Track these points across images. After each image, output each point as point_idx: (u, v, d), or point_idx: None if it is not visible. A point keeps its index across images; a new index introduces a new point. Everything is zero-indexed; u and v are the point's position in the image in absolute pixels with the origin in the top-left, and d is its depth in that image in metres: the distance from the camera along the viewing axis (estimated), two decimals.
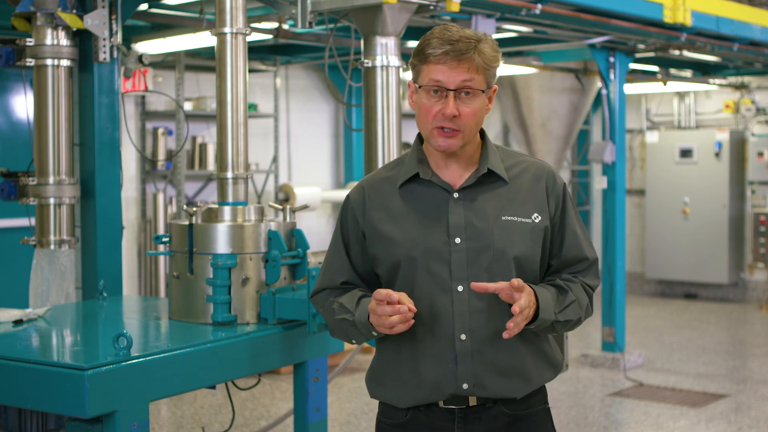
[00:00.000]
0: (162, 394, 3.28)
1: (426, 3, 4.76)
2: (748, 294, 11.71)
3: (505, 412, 2.51)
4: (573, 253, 2.56)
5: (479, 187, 2.50)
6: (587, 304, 2.57)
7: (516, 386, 2.50)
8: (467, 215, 2.47)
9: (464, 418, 2.49)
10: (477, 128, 2.48)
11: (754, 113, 11.63)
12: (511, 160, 2.56)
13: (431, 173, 2.51)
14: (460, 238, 2.45)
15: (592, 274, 2.59)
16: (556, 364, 2.62)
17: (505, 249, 2.45)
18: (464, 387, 2.45)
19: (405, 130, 10.81)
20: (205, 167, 8.82)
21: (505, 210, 2.48)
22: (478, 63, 2.40)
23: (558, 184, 2.56)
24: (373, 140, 4.60)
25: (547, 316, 2.43)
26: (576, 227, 2.57)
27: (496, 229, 2.46)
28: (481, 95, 2.43)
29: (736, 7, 7.87)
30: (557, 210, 2.54)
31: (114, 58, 4.78)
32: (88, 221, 4.82)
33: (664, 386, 7.33)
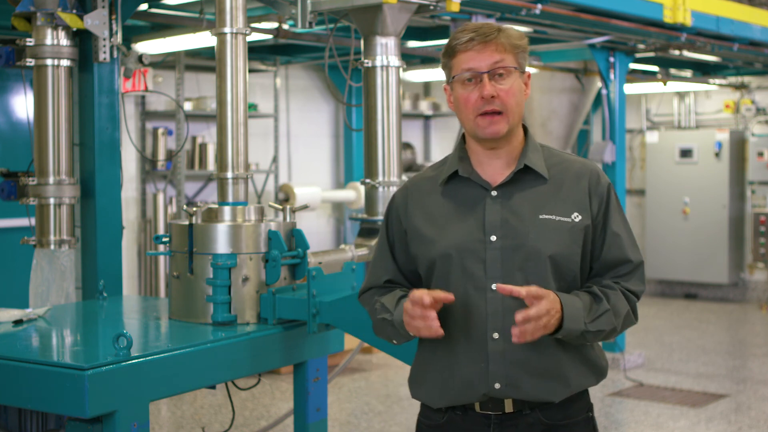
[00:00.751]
0: (162, 394, 3.28)
1: (426, 3, 4.76)
2: (748, 294, 11.71)
3: (542, 420, 2.45)
4: (614, 255, 2.48)
5: (517, 185, 2.47)
6: (627, 312, 2.46)
7: (552, 389, 2.43)
8: (503, 213, 2.44)
9: (500, 424, 2.45)
10: (519, 111, 2.45)
11: (754, 113, 11.63)
12: (554, 159, 2.53)
13: (471, 171, 2.51)
14: (496, 236, 2.43)
15: (636, 278, 2.49)
16: (599, 369, 2.54)
17: (540, 248, 2.41)
18: (496, 387, 2.42)
19: (405, 130, 10.83)
20: (205, 167, 8.81)
21: (543, 208, 2.44)
22: (505, 43, 2.42)
23: (602, 184, 2.49)
24: (373, 140, 4.60)
25: (573, 326, 2.35)
26: (619, 229, 2.49)
27: (532, 228, 2.42)
28: (515, 74, 2.43)
29: (736, 7, 7.87)
30: (600, 210, 2.47)
31: (114, 58, 4.78)
32: (88, 221, 4.81)
33: (664, 386, 7.33)
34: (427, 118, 11.32)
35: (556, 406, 2.45)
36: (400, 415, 6.53)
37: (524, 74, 2.48)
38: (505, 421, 2.45)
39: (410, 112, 10.62)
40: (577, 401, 2.50)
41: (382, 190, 4.58)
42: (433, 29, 7.51)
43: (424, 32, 7.63)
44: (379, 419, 6.45)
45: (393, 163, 4.60)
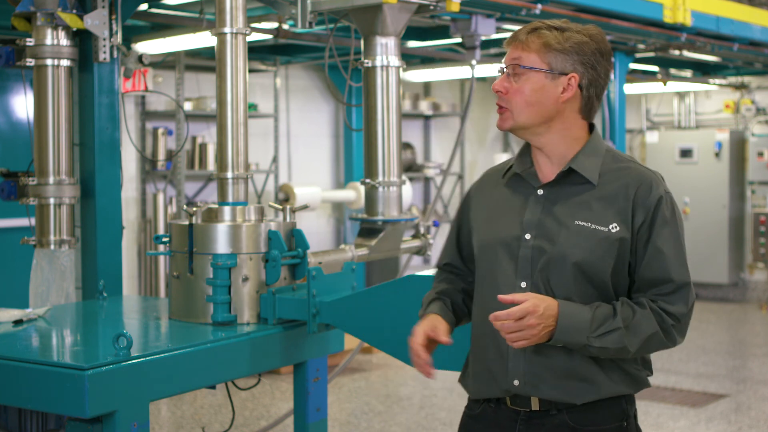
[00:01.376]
0: (162, 394, 3.28)
1: (426, 3, 4.76)
2: (748, 294, 11.71)
3: (569, 423, 2.42)
4: (654, 273, 2.38)
5: (564, 187, 2.46)
6: (654, 334, 2.35)
7: (574, 390, 2.40)
8: (543, 213, 2.45)
9: (527, 422, 2.46)
10: (532, 111, 2.44)
11: (754, 113, 11.63)
12: (613, 165, 2.46)
13: (527, 167, 2.53)
14: (530, 235, 2.44)
15: (678, 299, 2.38)
16: (635, 379, 2.47)
17: (566, 253, 2.38)
18: (515, 384, 2.44)
19: (405, 130, 10.83)
20: (205, 167, 8.81)
21: (580, 214, 2.40)
22: (529, 42, 2.43)
23: (652, 196, 2.39)
24: (373, 140, 4.59)
25: (566, 338, 2.32)
26: (665, 245, 2.38)
27: (564, 232, 2.40)
28: (532, 75, 2.43)
29: (736, 7, 7.87)
30: (644, 223, 2.38)
31: (114, 58, 4.78)
32: (88, 221, 4.81)
33: (664, 386, 7.33)
34: (427, 118, 11.32)
35: (583, 410, 2.42)
36: (400, 415, 6.54)
37: (563, 75, 2.43)
38: (533, 419, 2.46)
39: (410, 112, 10.62)
40: (609, 408, 2.45)
41: (382, 190, 4.58)
42: (433, 29, 7.51)
43: (424, 32, 7.63)
44: (379, 419, 6.45)
45: (393, 163, 4.60)
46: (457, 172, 11.37)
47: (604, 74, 2.47)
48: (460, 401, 6.78)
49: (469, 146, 11.73)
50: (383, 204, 4.59)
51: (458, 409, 6.75)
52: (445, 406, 6.76)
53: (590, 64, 2.44)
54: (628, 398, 2.49)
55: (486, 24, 6.20)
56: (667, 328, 2.37)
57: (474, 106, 11.56)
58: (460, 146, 11.17)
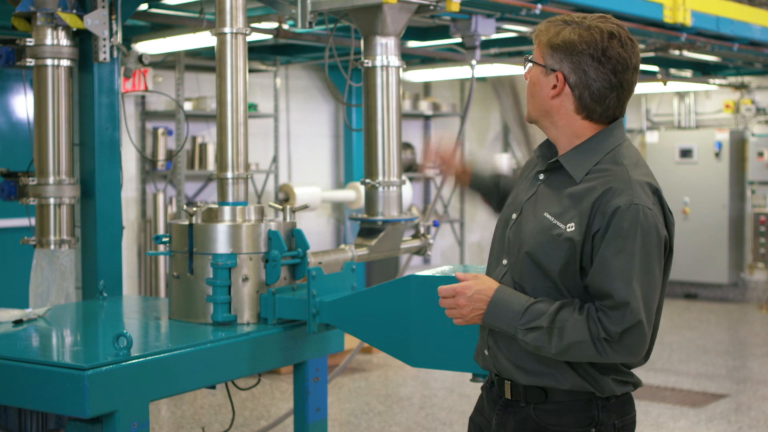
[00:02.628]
0: (162, 394, 3.28)
1: (426, 3, 4.76)
2: (748, 294, 11.71)
3: (533, 417, 2.45)
4: (596, 284, 2.32)
5: (557, 178, 2.49)
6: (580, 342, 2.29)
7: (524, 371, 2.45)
8: (531, 197, 2.52)
9: (503, 410, 2.53)
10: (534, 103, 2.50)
11: (754, 113, 11.63)
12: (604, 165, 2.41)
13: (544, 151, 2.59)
14: (515, 215, 2.53)
15: (613, 316, 2.28)
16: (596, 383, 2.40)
17: (523, 240, 2.45)
18: (485, 353, 2.56)
19: (405, 130, 10.83)
20: (205, 167, 8.81)
21: (551, 207, 2.43)
22: (541, 38, 2.47)
23: (611, 204, 2.31)
24: (373, 140, 4.60)
25: (494, 322, 2.41)
26: (613, 258, 2.29)
27: (531, 220, 2.47)
28: (534, 68, 2.49)
29: (736, 7, 7.87)
30: (599, 230, 2.32)
31: (114, 58, 4.78)
32: (88, 221, 4.82)
33: (664, 386, 7.33)
34: (427, 118, 11.32)
35: (550, 408, 2.43)
36: (400, 415, 6.54)
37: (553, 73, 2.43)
38: (507, 408, 2.52)
39: (410, 112, 10.62)
40: (577, 410, 2.41)
41: (382, 190, 4.58)
42: (433, 29, 7.51)
43: (424, 32, 7.63)
44: (379, 419, 6.45)
45: (393, 163, 4.60)
46: None
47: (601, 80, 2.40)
48: (460, 401, 6.79)
49: (469, 146, 11.73)
50: (383, 204, 4.59)
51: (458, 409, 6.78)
52: (445, 406, 6.76)
53: (579, 66, 2.40)
54: (603, 404, 2.43)
55: (486, 24, 6.20)
56: (599, 340, 2.30)
57: (474, 106, 11.56)
58: (460, 146, 11.17)
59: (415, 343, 3.35)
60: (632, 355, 2.33)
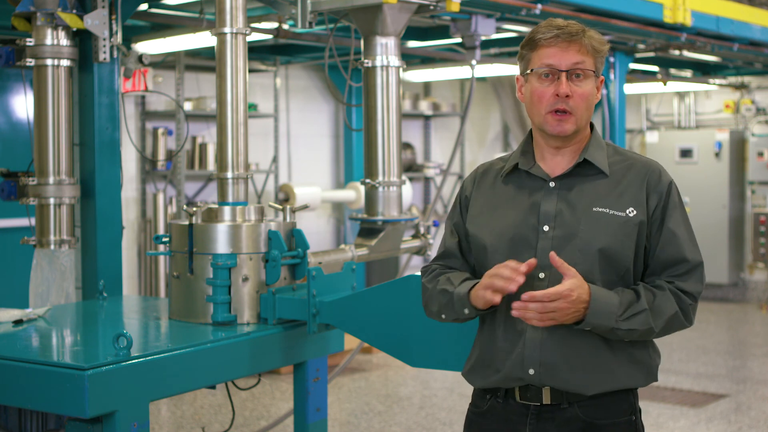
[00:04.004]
0: (162, 394, 3.28)
1: (426, 3, 4.76)
2: (748, 294, 11.71)
3: (580, 416, 2.45)
4: (670, 254, 2.46)
5: (577, 178, 2.51)
6: (675, 314, 2.43)
7: (587, 381, 2.43)
8: (559, 204, 2.48)
9: (537, 416, 2.48)
10: (588, 114, 2.50)
11: (754, 113, 11.63)
12: (618, 156, 2.55)
13: (532, 164, 2.56)
14: (549, 227, 2.47)
15: (693, 278, 2.46)
16: (648, 370, 2.52)
17: (590, 240, 2.43)
18: (530, 372, 2.45)
19: (405, 130, 10.83)
20: (205, 167, 8.81)
21: (598, 201, 2.46)
22: (588, 46, 2.45)
23: (663, 182, 2.50)
24: (373, 140, 4.60)
25: (597, 321, 2.37)
26: (678, 227, 2.47)
27: (584, 220, 2.45)
28: (592, 78, 2.47)
29: (736, 7, 7.87)
30: (657, 207, 2.47)
31: (114, 58, 4.78)
32: (88, 221, 4.82)
33: (664, 386, 7.33)
34: (427, 118, 11.32)
35: (595, 403, 2.45)
36: (400, 415, 6.54)
37: (598, 78, 2.51)
38: (543, 413, 2.47)
39: (410, 112, 10.62)
40: (620, 401, 2.48)
41: (382, 190, 4.58)
42: (433, 29, 7.51)
43: (424, 32, 7.63)
44: (379, 419, 6.45)
45: (393, 163, 4.60)
46: (457, 172, 11.36)
47: None
48: (460, 401, 6.78)
49: (469, 146, 11.73)
50: (383, 204, 4.59)
51: (458, 409, 6.77)
52: (445, 406, 6.76)
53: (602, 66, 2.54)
54: (634, 393, 2.53)
55: (486, 24, 6.20)
56: (686, 308, 2.45)
57: (474, 106, 11.56)
58: (460, 146, 11.18)
59: (415, 343, 3.35)
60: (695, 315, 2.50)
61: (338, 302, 3.58)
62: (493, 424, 2.55)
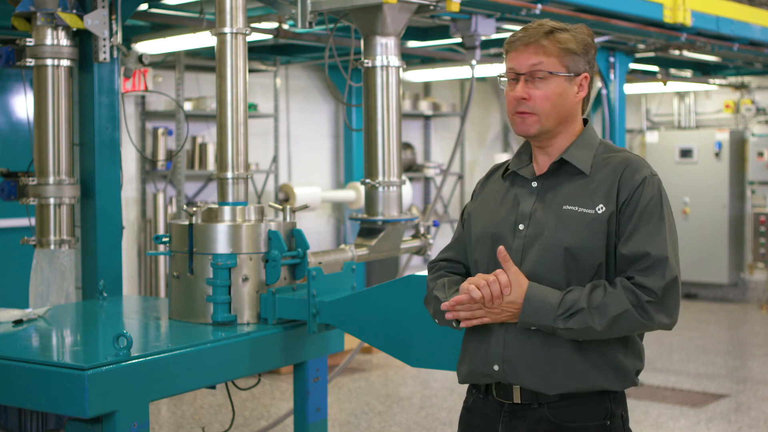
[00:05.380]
0: (162, 394, 3.28)
1: (426, 3, 4.76)
2: (748, 294, 11.71)
3: (548, 417, 2.44)
4: (631, 248, 2.39)
5: (558, 178, 2.52)
6: (622, 313, 2.34)
7: (549, 381, 2.42)
8: (536, 204, 2.50)
9: (510, 414, 2.49)
10: (557, 113, 2.48)
11: (754, 113, 11.63)
12: (604, 155, 2.52)
13: (524, 165, 2.58)
14: (524, 225, 2.49)
15: (656, 273, 2.35)
16: (623, 372, 2.47)
17: (557, 238, 2.43)
18: (495, 368, 2.48)
19: (405, 130, 10.83)
20: (205, 167, 8.81)
21: (569, 200, 2.46)
22: (547, 46, 2.44)
23: (636, 177, 2.43)
24: (373, 140, 4.60)
25: (533, 320, 2.38)
26: (643, 221, 2.40)
27: (552, 218, 2.46)
28: (554, 79, 2.45)
29: (736, 7, 7.87)
30: (627, 201, 2.42)
31: (114, 58, 4.78)
32: (88, 221, 4.82)
33: (664, 386, 7.33)
34: (427, 118, 11.32)
35: (565, 404, 2.44)
36: (400, 415, 6.54)
37: (578, 76, 2.49)
38: (516, 412, 2.49)
39: (410, 112, 10.62)
40: (592, 404, 2.45)
41: (382, 190, 4.58)
42: (433, 29, 7.51)
43: (424, 32, 7.63)
44: (379, 419, 6.45)
45: (393, 163, 4.60)
46: (457, 172, 11.36)
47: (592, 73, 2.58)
48: (460, 401, 6.78)
49: (469, 146, 11.73)
50: (383, 204, 4.59)
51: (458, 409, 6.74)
52: (445, 406, 6.76)
53: (592, 63, 2.54)
54: (613, 396, 2.49)
55: (486, 24, 6.20)
56: (642, 305, 2.35)
57: (474, 106, 11.56)
58: (460, 146, 11.17)
59: (415, 343, 3.36)
60: (671, 314, 2.39)
61: (338, 302, 3.59)
62: (476, 420, 2.61)
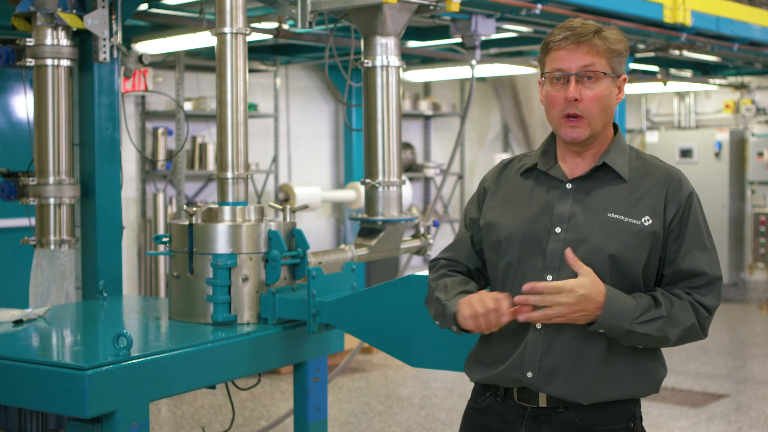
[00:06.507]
0: (162, 394, 3.28)
1: (426, 3, 4.76)
2: (748, 294, 11.71)
3: (576, 422, 2.42)
4: (689, 265, 2.40)
5: (595, 182, 2.47)
6: (692, 325, 2.37)
7: (583, 390, 2.40)
8: (574, 207, 2.45)
9: (533, 418, 2.46)
10: (604, 115, 2.45)
11: (754, 113, 11.63)
12: (639, 162, 2.50)
13: (552, 165, 2.53)
14: (561, 229, 2.44)
15: (712, 293, 2.41)
16: (651, 380, 2.47)
17: (601, 245, 2.39)
18: (528, 375, 2.43)
19: (405, 130, 10.83)
20: (205, 167, 8.81)
21: (613, 207, 2.42)
22: (599, 46, 2.41)
23: (683, 192, 2.44)
24: (373, 140, 4.60)
25: (612, 322, 2.31)
26: (697, 239, 2.44)
27: (597, 224, 2.41)
28: (604, 79, 2.42)
29: (736, 7, 7.87)
30: (676, 216, 2.42)
31: (114, 58, 4.78)
32: (88, 221, 4.82)
33: (664, 386, 7.33)
34: (427, 118, 11.32)
35: (592, 408, 2.42)
36: (400, 415, 6.54)
37: (619, 78, 2.47)
38: (540, 416, 2.45)
39: (410, 112, 10.62)
40: (618, 408, 2.45)
41: (382, 190, 4.58)
42: (433, 29, 7.51)
43: (424, 32, 7.63)
44: (379, 419, 6.45)
45: (393, 163, 4.60)
46: (457, 172, 11.36)
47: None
48: (460, 401, 6.78)
49: (469, 146, 11.73)
50: (383, 204, 4.59)
51: (458, 409, 6.76)
52: (445, 406, 6.76)
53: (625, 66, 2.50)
54: (635, 400, 2.49)
55: (486, 24, 6.20)
56: (702, 321, 2.40)
57: (474, 106, 11.56)
58: (460, 146, 11.17)
59: (415, 343, 3.35)
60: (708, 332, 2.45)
61: (338, 302, 3.58)
62: (490, 422, 2.54)
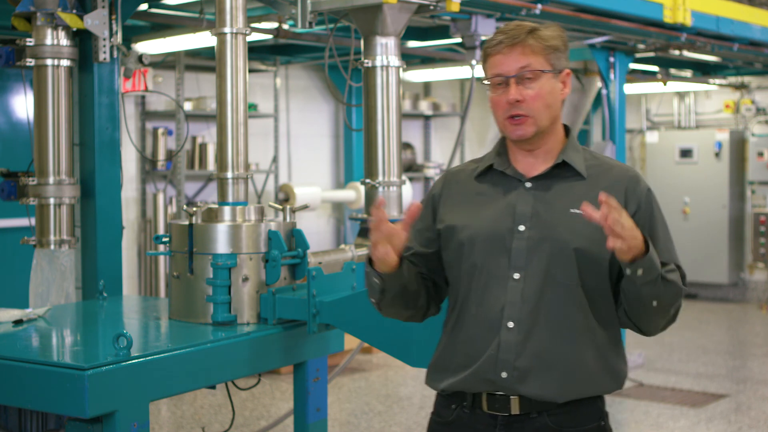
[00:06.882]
0: (162, 394, 3.28)
1: (426, 3, 4.76)
2: (748, 294, 11.71)
3: (549, 425, 2.42)
4: (665, 258, 2.41)
5: (554, 180, 2.49)
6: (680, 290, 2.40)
7: (557, 389, 2.41)
8: (536, 205, 2.46)
9: (506, 426, 2.44)
10: (549, 111, 2.46)
11: (754, 113, 11.63)
12: (595, 161, 2.54)
13: (507, 165, 2.54)
14: (524, 227, 2.45)
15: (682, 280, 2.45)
16: (617, 375, 2.49)
17: (566, 240, 2.41)
18: (503, 376, 2.41)
19: (405, 130, 10.83)
20: (205, 167, 8.81)
21: (575, 203, 2.43)
22: (533, 45, 2.42)
23: (641, 188, 2.48)
24: (373, 140, 4.60)
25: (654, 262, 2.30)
26: (665, 234, 2.49)
27: (561, 221, 2.43)
28: (544, 77, 2.43)
29: (736, 7, 7.87)
30: (638, 212, 2.44)
31: (114, 58, 4.78)
32: (88, 221, 4.81)
33: (664, 386, 7.33)
34: (427, 118, 11.32)
35: (564, 410, 2.42)
36: (400, 415, 6.54)
37: (561, 73, 2.48)
38: (513, 423, 2.43)
39: (410, 112, 10.62)
40: (589, 407, 2.46)
41: (382, 190, 4.58)
42: (433, 29, 7.52)
43: (424, 32, 7.63)
44: (379, 419, 6.45)
45: (393, 163, 4.60)
46: None
47: None
48: None
49: (469, 146, 11.73)
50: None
51: None
52: None
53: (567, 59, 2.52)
54: (602, 397, 2.52)
55: (486, 24, 6.20)
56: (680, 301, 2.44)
57: (474, 106, 11.55)
58: (460, 146, 11.18)
59: (415, 343, 3.35)
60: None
61: (338, 302, 3.58)
62: None
